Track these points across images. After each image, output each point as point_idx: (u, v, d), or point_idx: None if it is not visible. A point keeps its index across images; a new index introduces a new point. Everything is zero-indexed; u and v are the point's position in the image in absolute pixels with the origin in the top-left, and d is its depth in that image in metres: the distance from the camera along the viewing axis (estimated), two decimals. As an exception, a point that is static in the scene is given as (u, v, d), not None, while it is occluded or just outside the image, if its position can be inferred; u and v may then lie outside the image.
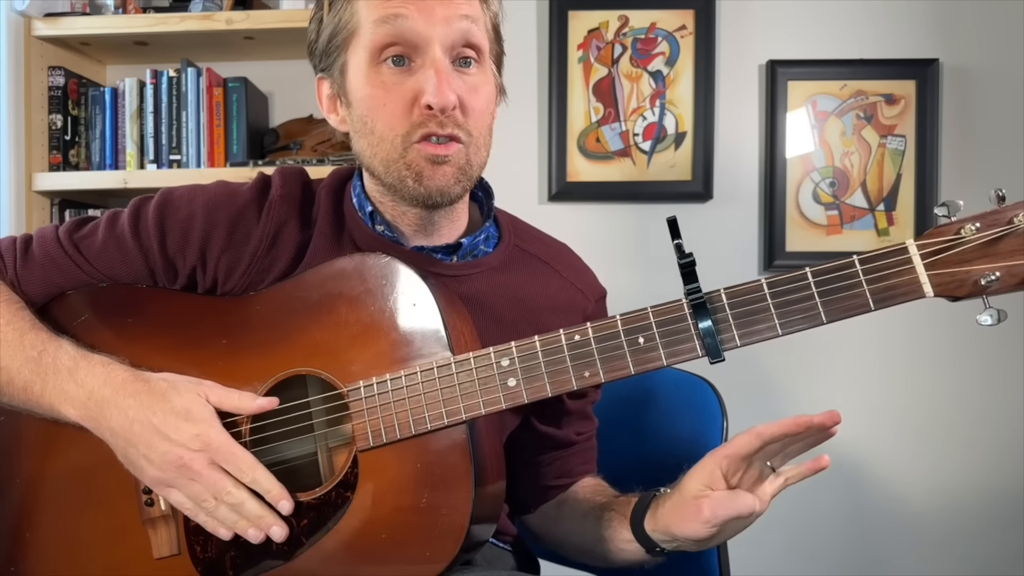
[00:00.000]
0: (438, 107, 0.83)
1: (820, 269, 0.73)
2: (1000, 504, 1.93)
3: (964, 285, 0.70)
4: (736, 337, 0.74)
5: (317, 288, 0.86)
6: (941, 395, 1.94)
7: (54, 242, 0.93)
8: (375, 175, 0.90)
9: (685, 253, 0.76)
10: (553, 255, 1.01)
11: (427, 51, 0.84)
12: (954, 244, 0.70)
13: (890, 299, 0.71)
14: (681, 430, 1.15)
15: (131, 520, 0.86)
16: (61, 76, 1.90)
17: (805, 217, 1.94)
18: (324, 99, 0.94)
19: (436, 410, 0.80)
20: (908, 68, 1.92)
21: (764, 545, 1.96)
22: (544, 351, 0.78)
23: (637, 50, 1.96)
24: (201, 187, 0.96)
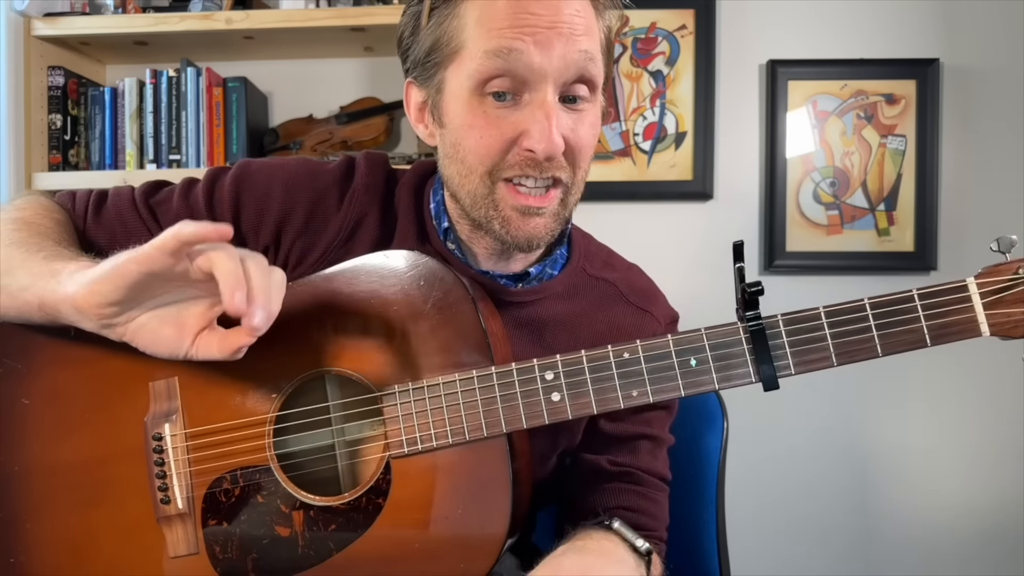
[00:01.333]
0: (543, 155, 0.77)
1: (879, 301, 0.72)
2: (1004, 505, 1.93)
3: (1020, 326, 0.70)
4: (791, 366, 0.73)
5: (350, 285, 0.82)
6: (944, 395, 1.94)
7: (129, 203, 0.90)
8: (460, 204, 0.84)
9: (753, 283, 0.72)
10: (620, 278, 0.96)
11: (537, 88, 0.77)
12: (1013, 284, 0.70)
13: (946, 336, 0.71)
14: (681, 430, 1.14)
15: (145, 517, 0.83)
16: (61, 76, 1.90)
17: (805, 217, 1.94)
18: (412, 105, 0.87)
19: (475, 421, 0.77)
20: (908, 68, 1.92)
21: (764, 545, 1.96)
22: (591, 367, 0.76)
23: (637, 50, 1.95)
24: (281, 162, 0.91)
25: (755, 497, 1.94)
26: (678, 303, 0.99)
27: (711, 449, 1.10)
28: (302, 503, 0.81)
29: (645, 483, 0.93)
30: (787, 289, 1.93)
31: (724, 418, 1.11)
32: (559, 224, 0.83)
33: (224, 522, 0.83)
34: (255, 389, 0.83)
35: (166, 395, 0.83)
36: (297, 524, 0.81)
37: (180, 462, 0.83)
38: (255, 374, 0.83)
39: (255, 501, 0.82)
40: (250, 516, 0.82)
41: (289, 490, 0.82)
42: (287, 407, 0.83)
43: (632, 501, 0.92)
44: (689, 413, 1.14)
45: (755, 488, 1.94)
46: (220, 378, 0.83)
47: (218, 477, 0.83)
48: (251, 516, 0.82)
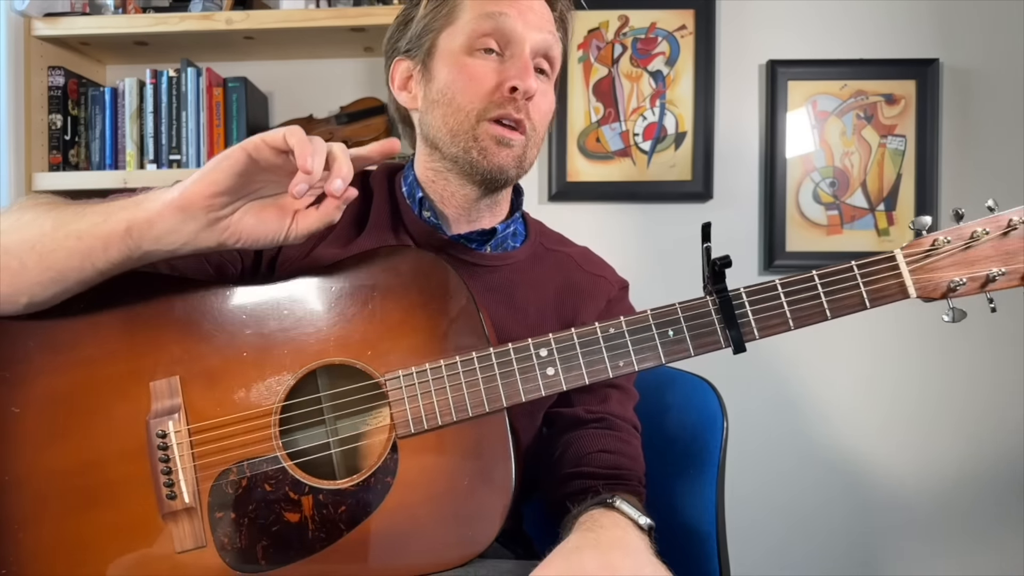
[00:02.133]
0: (522, 89, 0.93)
1: (825, 272, 0.83)
2: (1000, 500, 1.93)
3: (938, 288, 0.82)
4: (755, 331, 0.83)
5: (352, 278, 0.87)
6: (940, 393, 1.94)
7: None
8: (438, 146, 0.98)
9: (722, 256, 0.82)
10: (575, 252, 1.10)
11: (517, 48, 0.95)
12: (931, 253, 0.83)
13: (881, 299, 0.82)
14: (681, 430, 1.15)
15: (148, 514, 0.84)
16: (61, 76, 1.90)
17: (805, 217, 1.94)
18: (397, 77, 1.03)
19: (477, 398, 0.83)
20: (908, 68, 1.92)
21: (764, 545, 1.96)
22: (581, 342, 0.84)
23: (637, 50, 1.96)
24: None
25: (755, 497, 1.94)
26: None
27: (711, 449, 1.10)
28: (311, 488, 0.84)
29: (619, 428, 1.03)
30: (787, 289, 1.94)
31: (724, 418, 1.11)
32: (521, 169, 0.98)
33: (232, 513, 0.84)
34: (259, 382, 0.85)
35: (167, 393, 0.85)
36: (307, 509, 0.84)
37: (185, 457, 0.84)
38: (258, 368, 0.86)
39: (263, 490, 0.84)
40: (258, 505, 0.84)
41: (298, 477, 0.84)
42: (293, 397, 0.85)
43: (610, 444, 1.01)
44: (689, 413, 1.14)
45: (755, 488, 1.94)
46: (222, 374, 0.85)
47: (224, 469, 0.84)
48: (259, 505, 0.84)
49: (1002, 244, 0.82)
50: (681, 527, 1.12)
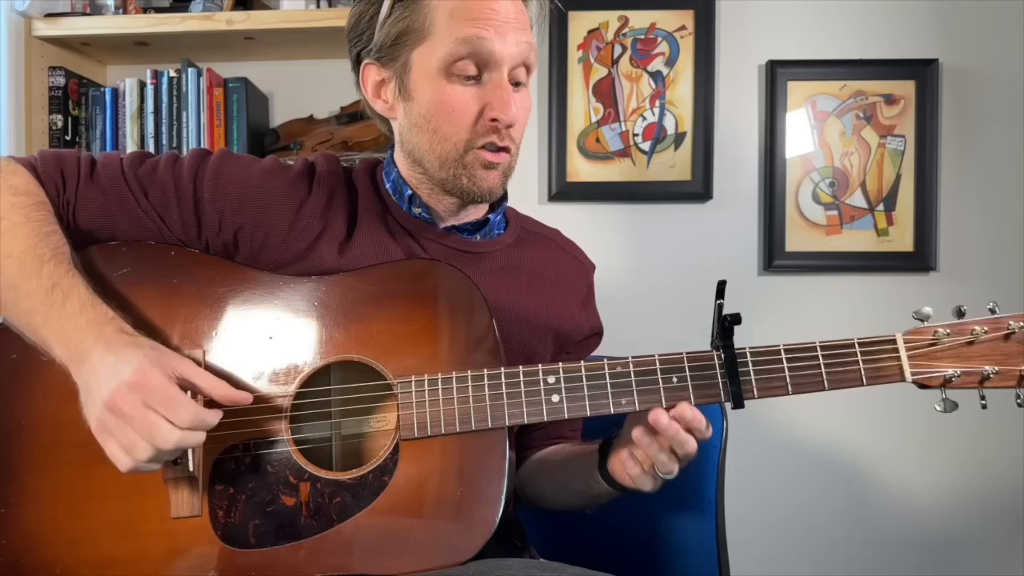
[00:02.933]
0: (505, 124, 0.94)
1: (828, 344, 0.86)
2: (1001, 505, 1.93)
3: (935, 379, 0.86)
4: (755, 390, 0.86)
5: (382, 283, 0.92)
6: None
7: (119, 172, 0.96)
8: (425, 168, 0.99)
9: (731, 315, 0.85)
10: (551, 233, 1.15)
11: (496, 70, 0.94)
12: (932, 344, 0.86)
13: (878, 379, 0.86)
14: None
15: (151, 477, 0.85)
16: (61, 76, 1.90)
17: (805, 217, 1.94)
18: (370, 83, 1.00)
19: (482, 413, 0.86)
20: (908, 68, 1.92)
21: (764, 544, 1.96)
22: (588, 375, 0.87)
23: (637, 50, 1.96)
24: (256, 158, 1.03)
25: (755, 497, 1.94)
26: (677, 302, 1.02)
27: (711, 449, 1.10)
28: (311, 475, 0.87)
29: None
30: (786, 289, 1.94)
31: (724, 418, 1.11)
32: (505, 181, 1.00)
33: (231, 488, 0.87)
34: (278, 368, 0.89)
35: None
36: (303, 495, 0.86)
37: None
38: (280, 354, 0.90)
39: (265, 470, 0.87)
40: (258, 484, 0.87)
41: (300, 463, 0.87)
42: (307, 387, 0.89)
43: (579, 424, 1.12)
44: (689, 413, 1.14)
45: (755, 488, 1.94)
46: (246, 355, 0.90)
47: (232, 445, 0.87)
48: (259, 484, 0.87)
49: (1000, 346, 0.85)
50: (681, 527, 1.12)
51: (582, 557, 1.23)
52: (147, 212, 0.95)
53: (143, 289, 0.91)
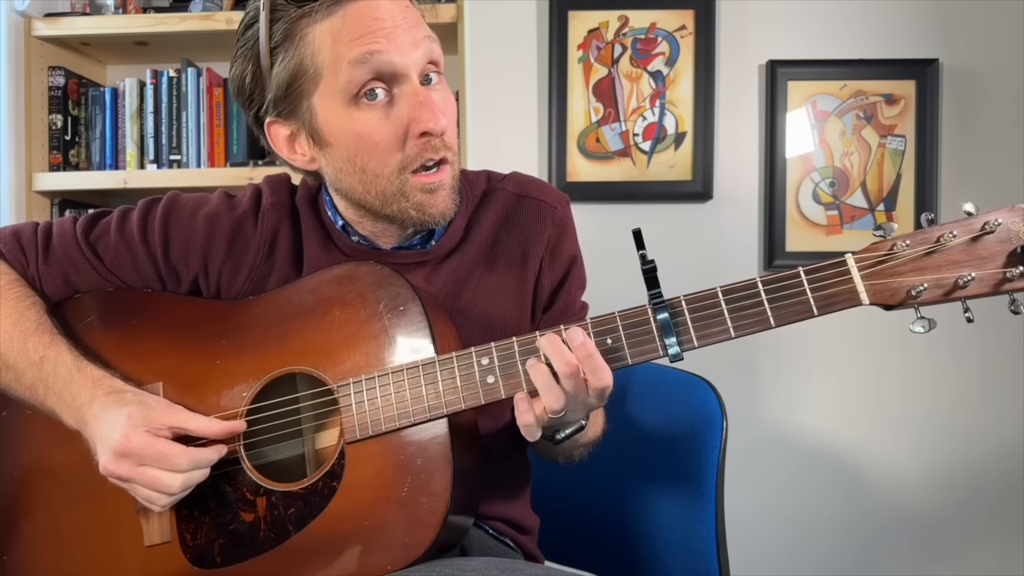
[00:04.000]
0: (437, 132, 0.85)
1: (769, 279, 0.80)
2: (1001, 504, 1.93)
3: (897, 294, 0.77)
4: (694, 339, 0.81)
5: (312, 293, 0.92)
6: (941, 395, 1.94)
7: (73, 242, 0.98)
8: (366, 207, 0.92)
9: (648, 261, 0.82)
10: (506, 181, 1.04)
11: (404, 80, 0.85)
12: (888, 258, 0.77)
13: (831, 306, 0.78)
14: (681, 430, 1.15)
15: (123, 510, 0.90)
16: (61, 76, 1.90)
17: (805, 217, 1.94)
18: (281, 141, 0.92)
19: (420, 404, 0.85)
20: (908, 68, 1.92)
21: (764, 544, 1.96)
22: (521, 350, 0.84)
23: (637, 50, 1.96)
24: (204, 198, 1.00)
25: (755, 497, 1.94)
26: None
27: (711, 449, 1.10)
28: (265, 490, 0.88)
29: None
30: (787, 289, 1.94)
31: (724, 418, 1.11)
32: (456, 194, 0.92)
33: (196, 511, 0.90)
34: (228, 389, 0.91)
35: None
36: (260, 510, 0.88)
37: None
38: (229, 376, 0.91)
39: (224, 490, 0.89)
40: (219, 504, 0.89)
41: (254, 478, 0.89)
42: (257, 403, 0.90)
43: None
44: (689, 413, 1.14)
45: (755, 488, 1.94)
46: (198, 381, 0.92)
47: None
48: (219, 504, 0.89)
49: (974, 248, 0.76)
50: (681, 527, 1.12)
51: (582, 557, 1.23)
52: (106, 277, 0.98)
53: (105, 334, 0.96)
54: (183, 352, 0.93)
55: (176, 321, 0.96)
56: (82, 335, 0.95)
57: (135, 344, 0.95)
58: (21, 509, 0.93)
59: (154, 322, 0.97)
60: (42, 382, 0.90)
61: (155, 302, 0.99)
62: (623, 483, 1.19)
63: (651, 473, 1.15)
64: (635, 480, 1.18)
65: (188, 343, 0.94)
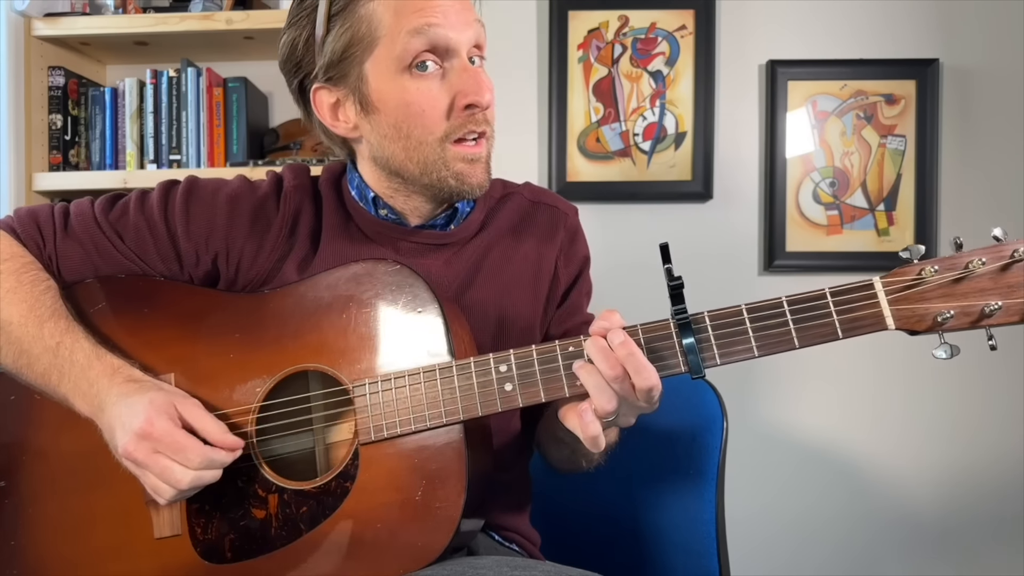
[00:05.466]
0: (483, 106, 0.90)
1: (795, 298, 0.79)
2: (999, 499, 1.93)
3: (923, 321, 0.76)
4: (716, 356, 0.79)
5: (329, 290, 0.91)
6: (943, 396, 1.94)
7: (92, 220, 0.98)
8: (406, 177, 0.95)
9: (674, 276, 0.80)
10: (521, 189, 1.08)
11: (455, 55, 0.90)
12: (916, 284, 0.76)
13: (856, 329, 0.77)
14: (681, 430, 1.15)
15: (134, 500, 0.89)
16: (61, 76, 1.90)
17: (805, 217, 1.94)
18: (325, 108, 0.95)
19: (436, 409, 0.84)
20: (908, 68, 1.92)
21: (765, 545, 1.96)
22: (540, 359, 0.83)
23: (637, 50, 1.96)
24: (224, 181, 1.02)
25: (756, 498, 1.94)
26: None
27: (711, 449, 1.10)
28: (277, 487, 0.88)
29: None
30: (787, 289, 1.93)
31: (724, 418, 1.11)
32: (490, 172, 0.96)
33: (206, 505, 0.89)
34: (241, 384, 0.90)
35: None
36: (272, 507, 0.88)
37: None
38: (242, 370, 0.91)
39: (235, 485, 0.88)
40: (230, 499, 0.89)
41: (266, 475, 0.88)
42: (271, 399, 0.90)
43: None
44: (689, 413, 1.14)
45: (756, 489, 1.94)
46: (211, 374, 0.91)
47: None
48: (231, 499, 0.89)
49: (1002, 277, 0.74)
50: (681, 527, 1.12)
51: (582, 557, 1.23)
52: (127, 256, 0.97)
53: (117, 322, 0.95)
54: (196, 343, 0.93)
55: (189, 311, 0.95)
56: (94, 321, 0.94)
57: (147, 332, 0.94)
58: (29, 495, 0.92)
59: (166, 311, 0.95)
60: (57, 368, 0.89)
61: (167, 291, 0.98)
62: (624, 483, 1.19)
63: (652, 473, 1.15)
64: (636, 480, 1.18)
65: (201, 334, 0.93)
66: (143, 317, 0.95)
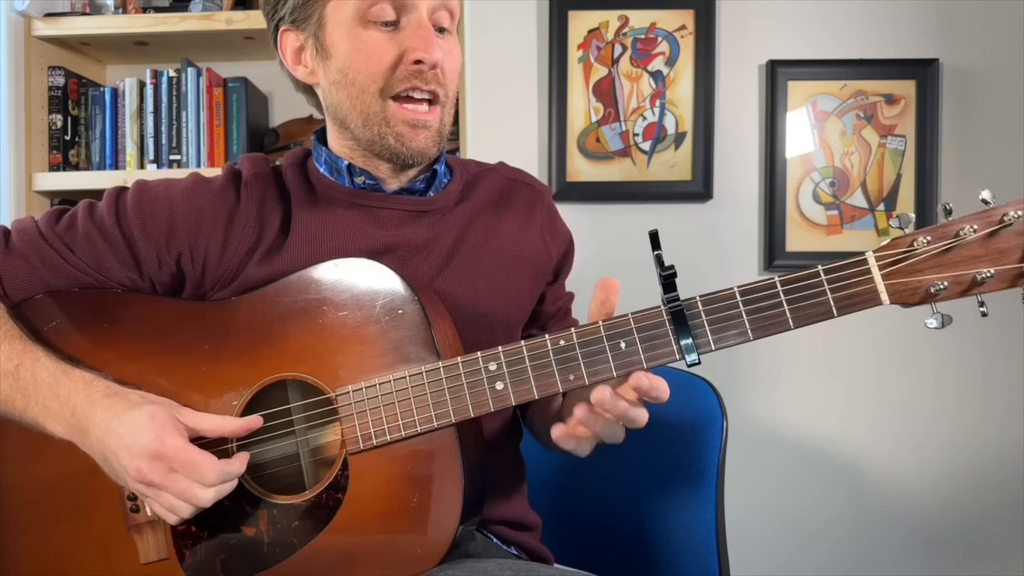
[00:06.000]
0: (429, 63, 0.89)
1: (788, 278, 0.77)
2: (999, 499, 1.93)
3: (916, 293, 0.75)
4: (711, 342, 0.78)
5: (302, 293, 0.86)
6: (944, 396, 1.94)
7: (36, 235, 0.93)
8: (351, 129, 0.94)
9: (666, 265, 0.79)
10: (496, 166, 1.08)
11: (413, 11, 0.90)
12: (908, 255, 0.75)
13: (851, 306, 0.76)
14: (681, 430, 1.15)
15: (116, 527, 0.86)
16: (61, 76, 1.90)
17: (805, 217, 1.94)
18: (288, 51, 0.97)
19: (425, 413, 0.81)
20: (908, 68, 1.92)
21: (765, 545, 1.96)
22: (531, 355, 0.80)
23: (637, 50, 1.95)
24: (176, 179, 0.98)
25: (756, 498, 1.94)
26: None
27: (711, 449, 1.10)
28: (266, 503, 0.84)
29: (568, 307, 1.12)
30: (787, 289, 1.94)
31: (724, 418, 1.11)
32: (441, 139, 0.95)
33: (192, 526, 0.85)
34: (217, 398, 0.85)
35: None
36: (262, 523, 0.84)
37: None
38: (216, 383, 0.86)
39: (221, 504, 0.83)
40: (217, 518, 0.85)
41: (253, 491, 0.85)
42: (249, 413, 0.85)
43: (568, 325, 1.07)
44: (689, 413, 1.14)
45: (756, 489, 1.94)
46: (182, 389, 0.86)
47: None
48: (218, 518, 0.85)
49: (992, 242, 0.74)
50: (681, 527, 1.12)
51: (582, 557, 1.23)
52: (80, 268, 0.92)
53: (74, 338, 0.89)
54: (162, 358, 0.87)
55: (151, 324, 0.89)
56: (50, 339, 0.88)
57: (107, 349, 0.88)
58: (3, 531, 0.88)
59: (127, 325, 0.89)
60: (21, 392, 0.84)
61: (126, 303, 0.91)
62: (623, 483, 1.19)
63: (651, 473, 1.15)
64: (635, 480, 1.18)
65: (167, 348, 0.88)
66: (102, 333, 0.89)
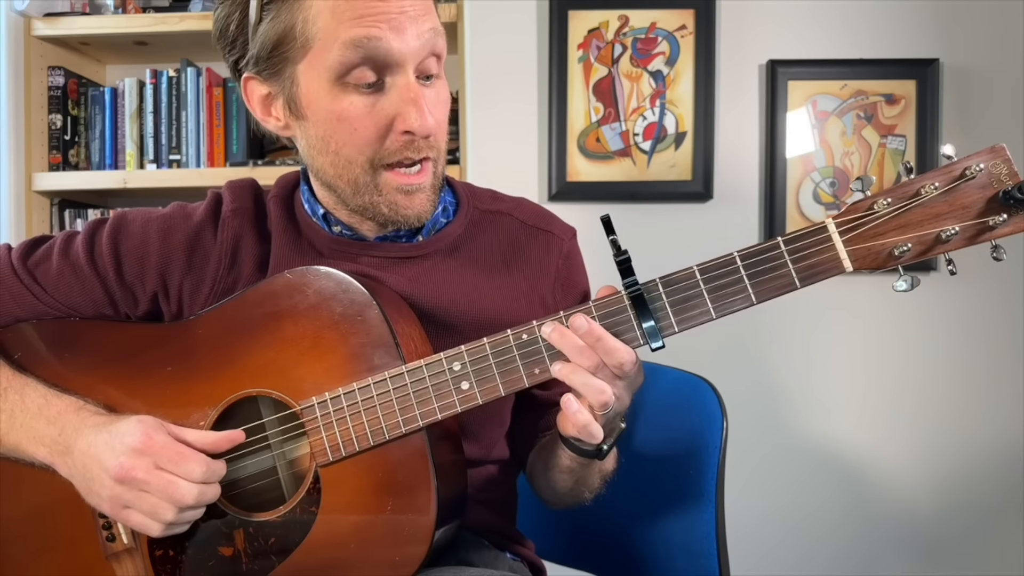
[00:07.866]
0: (422, 134, 0.81)
1: (747, 252, 0.76)
2: (999, 501, 1.93)
3: (880, 257, 0.73)
4: (674, 324, 0.76)
5: (259, 307, 0.84)
6: (948, 400, 1.94)
7: (8, 269, 0.91)
8: (338, 194, 0.87)
9: (621, 250, 0.78)
10: (512, 207, 0.98)
11: (398, 71, 0.80)
12: (868, 218, 0.73)
13: (814, 276, 0.74)
14: (681, 430, 1.15)
15: (94, 558, 0.85)
16: (61, 76, 1.90)
17: (805, 217, 1.94)
18: (255, 99, 0.87)
19: (392, 419, 0.80)
20: (908, 68, 1.92)
21: (768, 549, 1.96)
22: (494, 352, 0.79)
23: (637, 50, 1.95)
24: (156, 212, 0.94)
25: (755, 496, 1.94)
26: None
27: (711, 449, 1.10)
28: (241, 521, 0.84)
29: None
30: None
31: (724, 418, 1.11)
32: (437, 195, 0.87)
33: (170, 551, 0.85)
34: (184, 419, 0.84)
35: None
36: (239, 543, 0.84)
37: None
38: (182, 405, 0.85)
39: (197, 525, 0.83)
40: (194, 541, 0.84)
41: (227, 511, 0.84)
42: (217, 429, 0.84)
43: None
44: (689, 413, 1.14)
45: (760, 493, 1.94)
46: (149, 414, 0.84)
47: None
48: (195, 541, 0.84)
49: (955, 198, 0.70)
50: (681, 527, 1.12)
51: (581, 557, 1.23)
52: (51, 306, 0.90)
53: (36, 370, 0.88)
54: (126, 384, 0.86)
55: (113, 351, 0.88)
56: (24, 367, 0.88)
57: (71, 379, 0.87)
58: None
59: (89, 354, 0.88)
60: (5, 416, 0.83)
61: (86, 331, 0.90)
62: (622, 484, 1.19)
63: (651, 473, 1.15)
64: (635, 480, 1.17)
65: (130, 374, 0.86)
66: (65, 363, 0.88)
